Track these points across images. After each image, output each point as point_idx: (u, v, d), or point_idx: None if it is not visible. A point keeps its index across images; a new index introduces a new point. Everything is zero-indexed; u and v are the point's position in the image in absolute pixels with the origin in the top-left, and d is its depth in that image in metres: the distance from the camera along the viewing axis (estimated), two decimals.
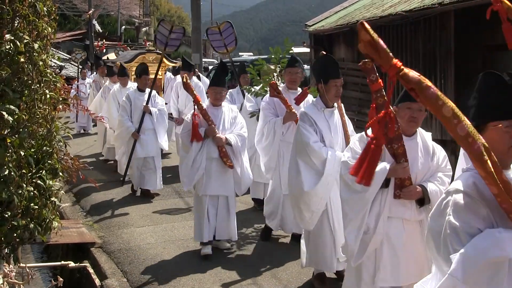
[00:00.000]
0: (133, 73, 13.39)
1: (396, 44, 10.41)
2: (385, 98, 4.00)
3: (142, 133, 9.62)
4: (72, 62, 29.60)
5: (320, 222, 5.58)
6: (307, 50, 16.80)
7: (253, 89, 8.16)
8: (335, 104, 5.70)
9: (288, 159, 6.40)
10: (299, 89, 7.00)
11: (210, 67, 18.55)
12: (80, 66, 19.37)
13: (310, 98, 6.68)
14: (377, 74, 4.08)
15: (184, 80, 6.73)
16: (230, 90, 9.69)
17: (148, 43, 20.92)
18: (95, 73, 18.40)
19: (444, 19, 9.27)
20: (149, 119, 9.69)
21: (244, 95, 9.18)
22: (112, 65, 13.76)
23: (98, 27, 31.29)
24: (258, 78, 8.16)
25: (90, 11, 22.22)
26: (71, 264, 6.86)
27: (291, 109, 6.66)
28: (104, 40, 21.97)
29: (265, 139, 6.91)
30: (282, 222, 7.05)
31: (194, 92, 6.70)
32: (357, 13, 12.55)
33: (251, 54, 37.03)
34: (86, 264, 6.93)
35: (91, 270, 6.74)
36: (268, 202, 7.15)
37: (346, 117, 5.86)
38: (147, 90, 9.81)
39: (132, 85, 10.95)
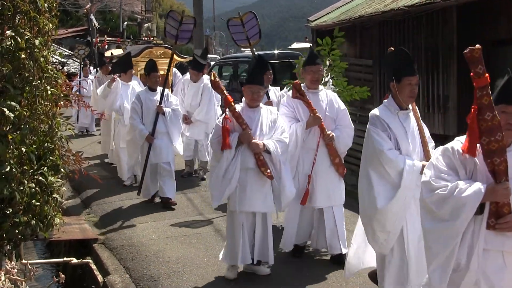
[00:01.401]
0: (139, 68, 12.97)
1: (398, 39, 10.38)
2: (491, 97, 3.44)
3: (155, 137, 8.77)
4: (74, 59, 29.58)
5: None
6: (310, 45, 16.77)
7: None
8: (410, 106, 4.97)
9: (308, 166, 6.26)
10: (321, 88, 6.54)
11: (212, 63, 18.27)
12: (82, 63, 18.80)
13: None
14: (485, 67, 3.48)
15: (212, 78, 5.85)
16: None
17: (151, 38, 20.37)
18: (96, 70, 18.04)
19: (446, 14, 9.23)
20: (162, 121, 8.83)
21: (268, 96, 8.40)
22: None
23: (95, 23, 31.04)
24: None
25: (88, 6, 21.98)
26: (74, 260, 6.86)
27: (315, 113, 6.13)
28: (105, 36, 21.81)
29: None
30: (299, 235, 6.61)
31: (225, 91, 5.87)
32: (359, 8, 12.50)
33: (254, 49, 36.96)
34: (89, 260, 6.94)
35: (93, 267, 6.75)
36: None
37: (421, 121, 5.13)
38: (159, 89, 8.98)
39: (133, 83, 10.54)
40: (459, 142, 3.58)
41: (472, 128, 3.14)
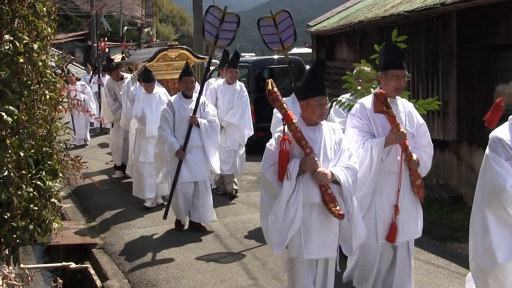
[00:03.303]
0: (154, 73, 11.66)
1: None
2: None
3: (189, 152, 7.63)
4: (74, 63, 29.60)
5: None
6: (309, 50, 16.80)
7: (343, 99, 6.30)
8: None
9: (389, 193, 4.97)
10: (398, 99, 5.10)
11: (212, 68, 18.06)
12: (66, 71, 17.29)
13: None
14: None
15: (270, 87, 4.57)
16: (284, 98, 8.13)
17: (154, 41, 19.97)
18: (97, 75, 17.56)
19: (446, 20, 9.25)
20: (197, 134, 7.67)
21: None
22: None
23: (107, 25, 30.79)
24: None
25: (98, 6, 21.71)
26: (72, 265, 6.85)
27: (399, 128, 4.80)
28: (105, 39, 21.74)
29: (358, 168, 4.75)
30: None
31: (285, 105, 4.54)
32: (359, 13, 12.52)
33: (253, 54, 36.93)
34: (87, 265, 6.92)
35: (92, 271, 6.74)
36: (358, 261, 5.23)
37: None
38: (194, 96, 7.82)
39: (158, 90, 9.16)
40: None
41: None
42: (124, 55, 19.99)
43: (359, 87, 6.23)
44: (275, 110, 7.76)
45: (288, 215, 4.40)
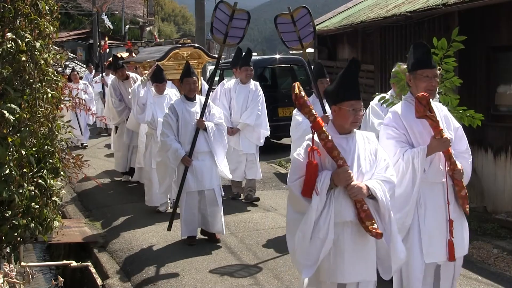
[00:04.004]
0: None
1: (400, 45, 10.38)
2: None
3: (195, 158, 7.04)
4: (76, 61, 29.61)
5: None
6: (311, 50, 16.79)
7: (387, 95, 5.94)
8: None
9: (433, 208, 4.41)
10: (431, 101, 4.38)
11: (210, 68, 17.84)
12: (89, 64, 16.41)
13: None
14: None
15: (297, 91, 3.99)
16: None
17: (157, 40, 19.44)
18: (100, 75, 16.47)
19: (448, 20, 9.24)
20: (204, 138, 7.10)
21: (324, 108, 7.10)
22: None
23: (108, 23, 30.60)
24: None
25: (98, 5, 21.40)
26: (73, 263, 6.85)
27: (442, 134, 4.29)
28: (106, 38, 21.59)
29: (398, 182, 4.26)
30: None
31: (313, 111, 4.00)
32: (361, 13, 12.51)
33: (255, 54, 36.98)
34: (88, 263, 6.93)
35: (93, 270, 6.74)
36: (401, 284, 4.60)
37: None
38: (198, 98, 7.35)
39: (169, 91, 8.73)
40: None
41: None
42: (133, 53, 19.44)
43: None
44: (294, 112, 7.56)
45: (318, 234, 3.89)
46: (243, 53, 9.33)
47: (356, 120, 4.01)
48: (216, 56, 8.12)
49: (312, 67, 7.70)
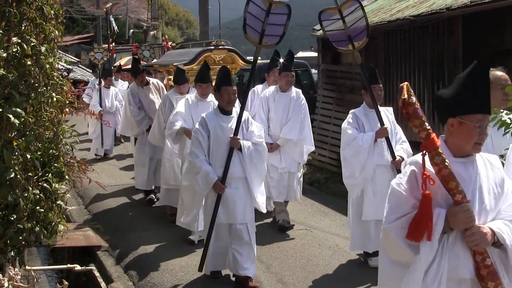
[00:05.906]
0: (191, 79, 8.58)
1: (403, 49, 10.38)
2: None
3: (228, 185, 5.89)
4: (80, 65, 29.63)
5: None
6: (315, 54, 16.78)
7: (503, 116, 3.76)
8: None
9: None
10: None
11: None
12: (101, 70, 14.79)
13: None
14: None
15: (406, 95, 2.99)
16: (354, 111, 6.49)
17: (169, 43, 18.75)
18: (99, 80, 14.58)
19: (452, 24, 9.24)
20: (239, 161, 5.90)
21: (381, 120, 6.18)
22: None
23: (114, 25, 30.62)
24: None
25: (108, 5, 20.93)
26: (77, 267, 6.85)
27: None
28: (113, 43, 21.39)
29: None
30: None
31: (427, 125, 3.01)
32: None
33: (259, 58, 36.97)
34: (92, 267, 6.92)
35: (97, 274, 6.73)
36: None
37: None
38: (235, 111, 6.16)
39: (190, 95, 7.50)
40: None
41: None
42: (138, 56, 18.99)
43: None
44: (344, 125, 6.43)
45: None
46: (279, 56, 8.50)
47: (481, 141, 3.02)
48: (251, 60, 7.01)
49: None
